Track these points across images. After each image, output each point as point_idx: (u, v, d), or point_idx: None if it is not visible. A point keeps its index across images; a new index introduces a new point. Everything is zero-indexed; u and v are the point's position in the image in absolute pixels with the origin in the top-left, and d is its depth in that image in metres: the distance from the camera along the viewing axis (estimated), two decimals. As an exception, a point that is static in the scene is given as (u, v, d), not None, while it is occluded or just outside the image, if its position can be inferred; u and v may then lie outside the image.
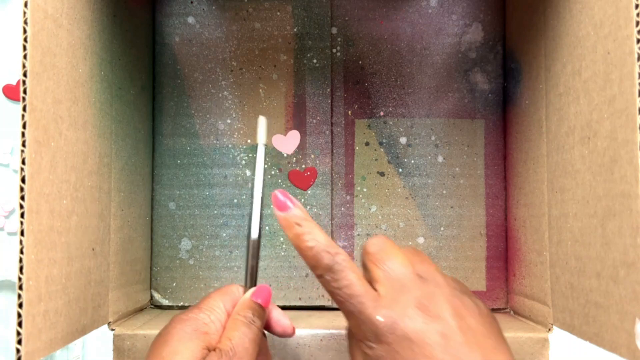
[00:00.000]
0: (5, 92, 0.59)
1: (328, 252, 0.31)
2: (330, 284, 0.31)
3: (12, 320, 0.61)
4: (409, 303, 0.30)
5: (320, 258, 0.31)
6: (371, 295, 0.30)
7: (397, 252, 0.33)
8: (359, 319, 0.30)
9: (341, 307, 0.31)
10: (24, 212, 0.27)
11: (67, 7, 0.33)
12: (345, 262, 0.31)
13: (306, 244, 0.31)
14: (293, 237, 0.32)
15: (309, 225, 0.32)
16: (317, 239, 0.31)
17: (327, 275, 0.31)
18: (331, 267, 0.31)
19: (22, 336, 0.27)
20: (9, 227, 0.57)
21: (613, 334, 0.30)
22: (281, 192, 0.33)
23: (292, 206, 0.32)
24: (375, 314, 0.29)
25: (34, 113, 0.28)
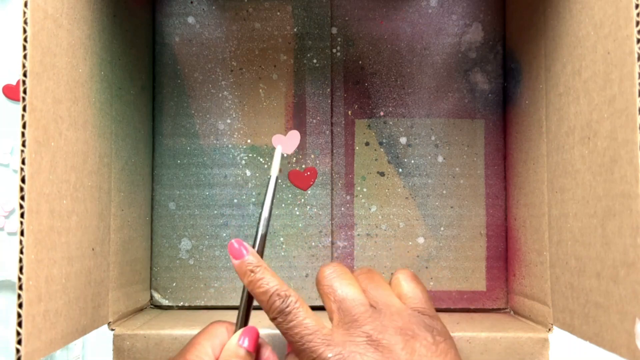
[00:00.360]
0: (5, 92, 0.59)
1: (279, 295, 0.32)
2: (283, 325, 0.32)
3: (12, 320, 0.61)
4: (360, 339, 0.31)
5: (272, 302, 0.32)
6: (321, 334, 0.31)
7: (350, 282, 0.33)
8: (310, 356, 0.31)
9: (294, 347, 0.32)
10: (24, 212, 0.27)
11: (67, 7, 0.33)
12: (295, 303, 0.32)
13: (259, 289, 0.33)
14: (248, 284, 0.33)
15: (261, 272, 0.33)
16: (269, 284, 0.32)
17: (280, 317, 0.32)
18: (283, 310, 0.32)
19: (22, 336, 0.27)
20: (9, 227, 0.57)
21: (613, 334, 0.30)
22: (236, 241, 0.34)
23: (246, 253, 0.34)
24: (327, 353, 0.30)
25: (34, 113, 0.28)
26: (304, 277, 0.48)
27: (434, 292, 0.49)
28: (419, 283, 0.35)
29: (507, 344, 0.39)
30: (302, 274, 0.49)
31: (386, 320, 0.31)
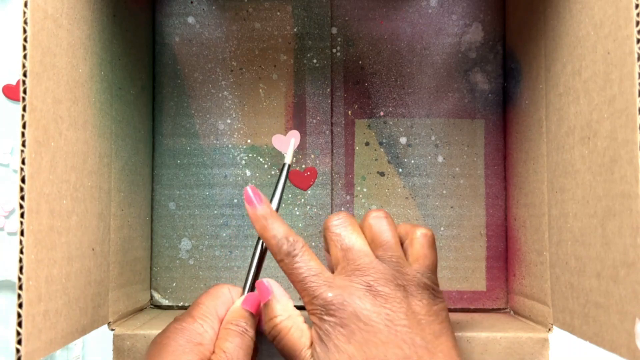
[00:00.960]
0: (5, 92, 0.59)
1: (287, 240, 0.34)
2: (288, 266, 0.34)
3: (12, 320, 0.61)
4: (361, 286, 0.32)
5: (281, 245, 0.34)
6: (324, 276, 0.33)
7: (358, 233, 0.35)
8: (312, 294, 0.32)
9: (297, 286, 0.33)
10: (24, 212, 0.27)
11: (67, 7, 0.33)
12: (302, 247, 0.34)
13: (269, 233, 0.35)
14: (259, 229, 0.35)
15: (272, 219, 0.35)
16: (280, 229, 0.35)
17: (287, 259, 0.34)
18: (289, 252, 0.34)
19: (22, 336, 0.27)
20: (9, 227, 0.57)
21: (613, 334, 0.30)
22: (252, 189, 0.36)
23: (259, 202, 0.36)
24: (328, 292, 0.32)
25: (33, 113, 0.28)
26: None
27: (434, 292, 0.49)
28: (433, 250, 0.36)
29: (507, 344, 0.39)
30: (302, 274, 0.49)
31: (389, 274, 0.33)
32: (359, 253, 0.34)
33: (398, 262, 0.34)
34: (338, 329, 0.31)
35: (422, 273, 0.34)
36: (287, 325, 0.33)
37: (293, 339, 0.33)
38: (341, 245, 0.34)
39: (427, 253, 0.35)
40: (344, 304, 0.31)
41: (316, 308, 0.32)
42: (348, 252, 0.34)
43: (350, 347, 0.31)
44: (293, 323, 0.33)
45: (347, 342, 0.31)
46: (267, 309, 0.34)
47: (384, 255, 0.34)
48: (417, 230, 0.36)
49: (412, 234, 0.36)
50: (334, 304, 0.32)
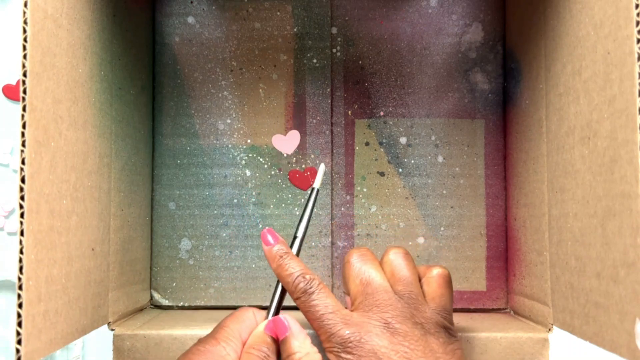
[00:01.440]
0: (5, 92, 0.59)
1: (304, 277, 0.34)
2: (305, 304, 0.34)
3: (12, 320, 0.61)
4: (378, 323, 0.32)
5: (297, 283, 0.34)
6: (341, 313, 0.33)
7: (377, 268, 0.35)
8: (329, 332, 0.32)
9: (314, 324, 0.34)
10: (23, 212, 0.27)
11: (67, 7, 0.33)
12: (318, 285, 0.34)
13: (286, 272, 0.35)
14: (276, 268, 0.36)
15: (289, 258, 0.36)
16: (295, 268, 0.35)
17: (303, 297, 0.34)
18: (306, 290, 0.34)
19: (21, 336, 0.27)
20: (9, 227, 0.57)
21: (613, 334, 0.30)
22: (268, 231, 0.37)
23: (276, 242, 0.37)
24: (345, 330, 0.32)
25: (33, 113, 0.28)
26: (304, 277, 0.48)
27: (434, 292, 0.49)
28: (450, 289, 0.36)
29: (507, 344, 0.39)
30: (302, 274, 0.49)
31: (407, 312, 0.33)
32: (378, 288, 0.34)
33: (417, 299, 0.34)
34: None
35: (439, 312, 0.34)
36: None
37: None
38: (360, 280, 0.35)
39: (444, 292, 0.35)
40: (361, 341, 0.31)
41: (334, 346, 0.32)
42: (367, 287, 0.34)
43: None
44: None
45: None
46: (285, 346, 0.34)
47: (403, 290, 0.34)
48: (434, 270, 0.36)
49: (429, 273, 0.36)
50: (352, 342, 0.32)
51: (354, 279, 0.35)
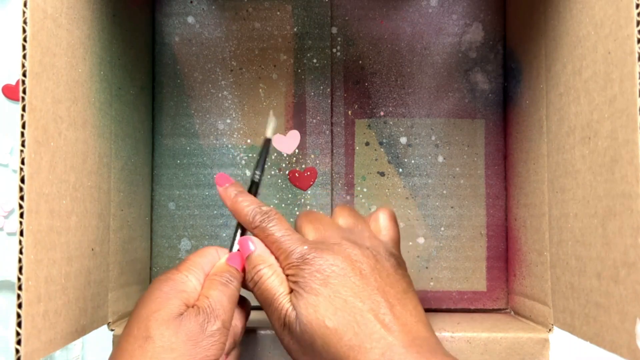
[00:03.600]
0: (5, 92, 0.59)
1: (260, 209, 0.36)
2: (264, 230, 0.35)
3: (11, 321, 0.60)
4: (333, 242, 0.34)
5: (254, 214, 0.36)
6: (299, 235, 0.35)
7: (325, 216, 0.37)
8: (288, 250, 0.34)
9: (273, 247, 0.35)
10: (23, 212, 0.27)
11: (67, 6, 0.32)
12: (275, 214, 0.36)
13: (242, 205, 0.36)
14: (231, 204, 0.37)
15: (244, 194, 0.37)
16: (251, 202, 0.37)
17: (261, 224, 0.35)
18: (263, 219, 0.35)
19: (21, 336, 0.27)
20: (9, 227, 0.57)
21: (613, 334, 0.30)
22: (221, 175, 0.38)
23: (228, 184, 0.38)
24: (304, 246, 0.34)
25: (33, 113, 0.28)
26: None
27: (434, 292, 0.49)
28: (394, 222, 0.38)
29: (508, 345, 0.39)
30: (302, 274, 0.48)
31: (357, 238, 0.35)
32: (328, 224, 0.36)
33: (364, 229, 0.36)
34: (315, 275, 0.32)
35: (386, 242, 0.36)
36: (267, 272, 0.34)
37: (272, 284, 0.34)
38: (310, 220, 0.36)
39: (389, 225, 0.37)
40: (320, 253, 0.33)
41: (292, 261, 0.34)
42: (317, 224, 0.36)
43: (327, 290, 0.32)
44: (274, 271, 0.35)
45: (323, 285, 0.32)
46: (249, 260, 0.35)
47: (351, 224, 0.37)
48: (378, 211, 0.38)
49: (373, 214, 0.38)
50: (310, 253, 0.33)
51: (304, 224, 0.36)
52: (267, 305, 0.34)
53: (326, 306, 0.32)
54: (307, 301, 0.32)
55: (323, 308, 0.32)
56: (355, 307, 0.31)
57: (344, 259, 0.33)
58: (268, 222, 0.35)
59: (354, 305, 0.31)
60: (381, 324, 0.31)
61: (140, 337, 0.31)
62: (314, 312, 0.32)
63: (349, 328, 0.31)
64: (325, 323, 0.31)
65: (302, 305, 0.32)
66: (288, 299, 0.33)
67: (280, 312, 0.33)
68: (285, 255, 0.34)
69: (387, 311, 0.32)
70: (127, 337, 0.32)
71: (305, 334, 0.32)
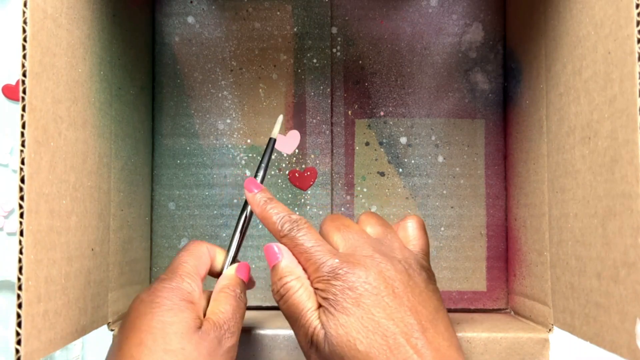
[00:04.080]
0: (5, 92, 0.59)
1: (290, 218, 0.35)
2: (293, 240, 0.34)
3: (11, 321, 0.60)
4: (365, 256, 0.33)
5: (284, 222, 0.35)
6: (329, 247, 0.34)
7: (353, 223, 0.36)
8: (318, 262, 0.33)
9: (301, 257, 0.34)
10: (23, 212, 0.27)
11: (67, 6, 0.32)
12: (305, 224, 0.35)
13: (272, 213, 0.35)
14: (260, 212, 0.36)
15: (274, 202, 0.36)
16: (281, 208, 0.36)
17: (291, 233, 0.34)
18: (293, 227, 0.34)
19: (21, 336, 0.27)
20: (9, 227, 0.57)
21: (613, 334, 0.30)
22: (250, 181, 0.37)
23: (258, 190, 0.37)
24: (335, 259, 0.32)
25: (33, 113, 0.28)
26: (304, 277, 0.48)
27: (434, 292, 0.49)
28: (424, 232, 0.37)
29: (508, 345, 0.39)
30: (302, 274, 0.48)
31: (388, 250, 0.34)
32: (357, 232, 0.35)
33: (394, 240, 0.35)
34: (346, 292, 0.31)
35: (418, 253, 0.35)
36: (295, 285, 0.33)
37: (300, 299, 0.33)
38: (338, 228, 0.35)
39: (419, 235, 0.36)
40: (351, 268, 0.32)
41: (322, 275, 0.32)
42: (346, 232, 0.35)
43: (359, 310, 0.31)
44: (302, 284, 0.33)
45: (355, 305, 0.31)
46: (276, 270, 0.34)
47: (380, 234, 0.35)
48: (407, 218, 0.37)
49: (402, 221, 0.37)
50: (342, 268, 0.32)
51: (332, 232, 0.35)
52: (293, 320, 0.33)
53: (358, 328, 0.30)
54: (337, 321, 0.31)
55: (354, 330, 0.30)
56: (388, 330, 0.30)
57: (377, 276, 0.31)
58: (297, 232, 0.34)
59: (387, 328, 0.30)
60: (414, 349, 0.30)
61: (159, 350, 0.30)
62: (345, 334, 0.31)
63: (381, 352, 0.30)
64: (356, 346, 0.30)
65: (332, 325, 0.31)
66: (316, 315, 0.32)
67: (308, 330, 0.32)
68: (315, 267, 0.33)
69: (419, 335, 0.30)
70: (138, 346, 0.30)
71: (335, 355, 0.31)
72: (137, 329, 0.31)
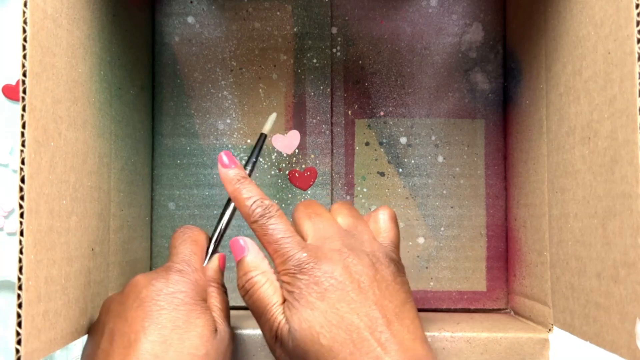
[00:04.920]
0: (5, 92, 0.59)
1: (262, 202, 0.34)
2: (263, 227, 0.33)
3: (11, 320, 0.61)
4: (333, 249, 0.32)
5: (255, 207, 0.34)
6: (298, 239, 0.33)
7: (325, 211, 0.36)
8: (286, 254, 0.32)
9: (270, 247, 0.33)
10: (23, 212, 0.27)
11: (67, 7, 0.32)
12: (277, 211, 0.34)
13: (244, 195, 0.34)
14: (232, 191, 0.35)
15: (247, 182, 0.35)
16: (253, 192, 0.35)
17: (261, 220, 0.34)
18: (264, 214, 0.34)
19: (21, 336, 0.27)
20: (9, 227, 0.57)
21: (613, 335, 0.30)
22: (226, 154, 0.36)
23: (234, 166, 0.36)
24: (302, 252, 0.32)
25: (33, 113, 0.28)
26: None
27: (434, 292, 0.49)
28: (396, 225, 0.36)
29: (508, 345, 0.39)
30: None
31: (356, 243, 0.34)
32: (328, 223, 0.34)
33: (364, 231, 0.35)
34: (312, 287, 0.31)
35: (387, 245, 0.35)
36: (260, 280, 0.33)
37: (265, 294, 0.33)
38: (311, 219, 0.35)
39: (390, 227, 0.36)
40: (318, 262, 0.32)
41: (290, 268, 0.32)
42: (317, 223, 0.34)
43: (323, 305, 0.31)
44: (267, 279, 0.33)
45: (320, 299, 0.31)
46: (242, 265, 0.34)
47: (350, 225, 0.35)
48: (378, 209, 0.37)
49: (373, 213, 0.37)
50: (308, 263, 0.32)
51: (303, 220, 0.35)
52: (258, 315, 0.33)
53: (321, 322, 0.30)
54: (301, 315, 0.31)
55: (318, 324, 0.30)
56: (352, 324, 0.30)
57: (343, 271, 0.31)
58: (268, 219, 0.34)
59: (351, 322, 0.30)
60: (378, 343, 0.30)
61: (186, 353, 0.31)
62: (308, 328, 0.30)
63: (344, 346, 0.30)
64: (319, 340, 0.30)
65: (296, 320, 0.31)
66: (281, 310, 0.32)
67: (273, 324, 0.32)
68: (282, 260, 0.33)
69: (384, 329, 0.30)
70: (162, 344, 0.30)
71: (298, 349, 0.31)
72: (158, 324, 0.31)
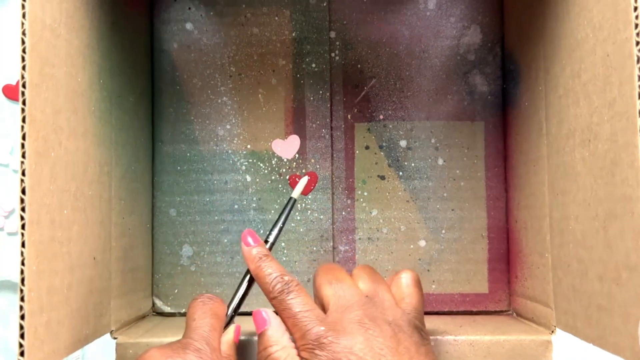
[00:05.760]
0: (5, 92, 0.59)
1: (282, 279, 0.35)
2: (282, 302, 0.34)
3: (11, 320, 0.60)
4: (352, 321, 0.32)
5: (275, 284, 0.34)
6: (317, 312, 0.33)
7: (346, 276, 0.35)
8: (304, 329, 0.32)
9: (288, 322, 0.33)
10: (25, 224, 0.27)
11: (65, 16, 0.32)
12: (296, 287, 0.34)
13: (264, 273, 0.35)
14: (254, 269, 0.36)
15: (268, 260, 0.36)
16: (274, 269, 0.35)
17: (280, 296, 0.34)
18: (283, 290, 0.34)
19: (24, 348, 0.27)
20: (9, 227, 0.57)
21: (616, 337, 0.30)
22: (250, 234, 0.37)
23: (256, 244, 0.37)
24: (320, 326, 0.32)
25: (33, 124, 0.28)
26: (306, 281, 0.48)
27: (436, 295, 0.49)
28: (419, 289, 0.36)
29: (510, 347, 0.39)
30: (304, 279, 0.48)
31: (378, 312, 0.33)
32: (349, 291, 0.34)
33: (386, 298, 0.34)
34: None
35: (410, 312, 0.34)
36: (281, 355, 0.33)
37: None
38: (330, 282, 0.35)
39: (412, 292, 0.35)
40: (337, 337, 0.31)
41: (308, 343, 0.32)
42: (338, 291, 0.34)
43: None
44: (287, 354, 0.33)
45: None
46: (263, 339, 0.34)
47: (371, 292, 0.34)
48: (401, 272, 0.36)
49: (396, 276, 0.36)
50: (327, 338, 0.31)
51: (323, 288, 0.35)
52: None
53: None
54: None
55: None
56: None
57: (363, 345, 0.31)
58: (287, 294, 0.34)
59: None
60: None
61: None
62: None
63: None
64: None
65: None
66: None
67: None
68: (301, 334, 0.32)
69: None
70: None
71: None
72: None
